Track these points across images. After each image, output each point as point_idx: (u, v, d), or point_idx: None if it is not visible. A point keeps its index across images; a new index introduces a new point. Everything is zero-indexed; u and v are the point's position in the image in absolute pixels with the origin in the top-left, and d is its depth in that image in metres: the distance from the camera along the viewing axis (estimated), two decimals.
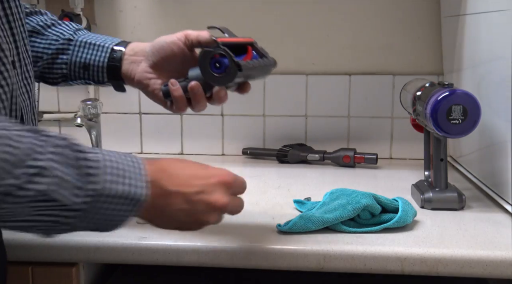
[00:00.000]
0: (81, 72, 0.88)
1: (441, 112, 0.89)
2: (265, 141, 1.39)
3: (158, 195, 0.62)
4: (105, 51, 0.87)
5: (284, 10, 1.36)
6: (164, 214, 0.64)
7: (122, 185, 0.58)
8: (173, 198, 0.63)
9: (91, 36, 0.89)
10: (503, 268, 0.76)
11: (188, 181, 0.65)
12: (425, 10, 1.33)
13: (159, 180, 0.62)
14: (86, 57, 0.87)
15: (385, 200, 0.87)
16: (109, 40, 0.89)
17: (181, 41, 0.83)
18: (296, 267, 0.79)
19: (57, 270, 0.83)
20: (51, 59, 0.88)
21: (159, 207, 0.63)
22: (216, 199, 0.65)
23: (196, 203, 0.64)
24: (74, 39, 0.88)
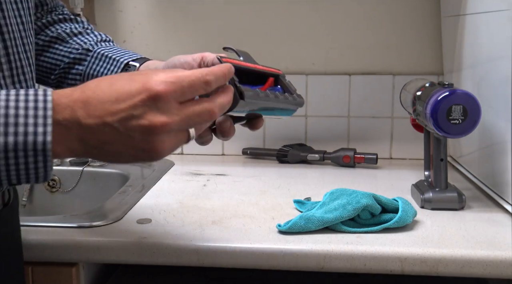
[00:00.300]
0: None
1: (441, 112, 0.89)
2: (265, 141, 1.39)
3: (80, 132, 0.53)
4: (118, 66, 0.84)
5: (284, 10, 1.36)
6: (101, 150, 0.55)
7: (7, 136, 0.51)
8: (99, 132, 0.54)
9: (111, 49, 0.86)
10: (503, 268, 0.76)
11: (110, 108, 0.53)
12: (425, 10, 1.33)
13: (74, 114, 0.53)
14: (99, 70, 0.84)
15: (385, 200, 0.87)
16: (127, 55, 0.85)
17: (195, 63, 0.76)
18: (296, 267, 0.79)
19: (57, 270, 0.83)
20: (68, 68, 0.86)
21: (89, 144, 0.54)
22: (150, 122, 0.53)
23: (129, 132, 0.54)
24: (93, 50, 0.86)
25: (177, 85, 0.55)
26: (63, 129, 0.53)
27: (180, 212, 0.94)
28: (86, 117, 0.53)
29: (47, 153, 0.52)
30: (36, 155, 0.52)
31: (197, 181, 1.14)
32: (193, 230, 0.85)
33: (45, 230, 0.84)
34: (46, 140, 0.52)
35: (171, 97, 0.54)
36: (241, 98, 0.65)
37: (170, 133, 0.55)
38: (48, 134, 0.52)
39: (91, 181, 1.29)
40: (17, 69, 0.66)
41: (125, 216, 0.91)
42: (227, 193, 1.06)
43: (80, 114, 0.53)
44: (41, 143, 0.52)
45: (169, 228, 0.86)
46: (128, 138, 0.54)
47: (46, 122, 0.52)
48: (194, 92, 0.56)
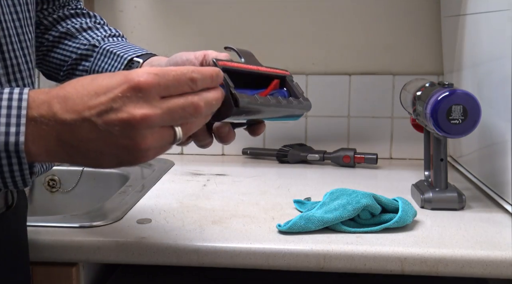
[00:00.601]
0: None
1: (441, 112, 0.89)
2: (265, 141, 1.39)
3: (57, 129, 0.50)
4: (121, 62, 0.82)
5: (284, 10, 1.36)
6: (80, 150, 0.51)
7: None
8: (77, 129, 0.50)
9: (117, 45, 0.84)
10: (503, 268, 0.76)
11: (89, 102, 0.50)
12: (425, 10, 1.33)
13: (51, 109, 0.50)
14: (103, 66, 0.83)
15: (385, 200, 0.87)
16: (132, 51, 0.83)
17: (197, 61, 0.73)
18: (296, 267, 0.79)
19: (57, 270, 0.83)
20: (75, 64, 0.85)
21: (67, 143, 0.51)
22: (129, 114, 0.49)
23: (109, 127, 0.50)
24: (99, 45, 0.84)
25: (161, 78, 0.51)
26: (38, 127, 0.50)
27: (180, 212, 0.94)
28: (63, 112, 0.50)
29: (20, 155, 0.50)
30: (9, 157, 0.50)
31: (197, 181, 1.14)
32: (193, 230, 0.85)
33: (45, 230, 0.84)
34: (19, 140, 0.49)
35: (153, 89, 0.51)
36: (235, 105, 0.60)
37: (153, 128, 0.51)
38: (21, 134, 0.49)
39: (91, 181, 1.29)
40: (13, 67, 0.64)
41: (125, 216, 0.91)
42: (227, 193, 1.06)
43: (57, 109, 0.50)
44: (13, 143, 0.49)
45: (169, 228, 0.86)
46: (108, 134, 0.50)
47: (20, 122, 0.49)
48: (178, 88, 0.53)
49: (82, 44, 0.85)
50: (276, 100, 0.66)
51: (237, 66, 0.66)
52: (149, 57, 0.82)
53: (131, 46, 0.85)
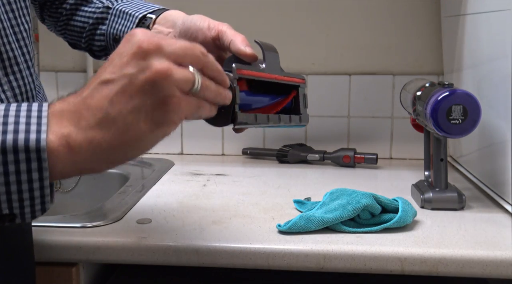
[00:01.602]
0: (114, 46, 0.79)
1: (441, 112, 0.89)
2: (265, 141, 1.39)
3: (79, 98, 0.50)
4: (133, 21, 0.78)
5: (284, 10, 1.36)
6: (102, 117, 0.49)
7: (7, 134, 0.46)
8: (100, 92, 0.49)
9: (130, 4, 0.82)
10: (503, 268, 0.76)
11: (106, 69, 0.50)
12: (425, 10, 1.33)
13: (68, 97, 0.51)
14: (118, 27, 0.80)
15: (385, 200, 0.87)
16: (145, 8, 0.80)
17: (210, 34, 0.71)
18: (296, 267, 0.79)
19: (57, 270, 0.83)
20: (93, 29, 0.83)
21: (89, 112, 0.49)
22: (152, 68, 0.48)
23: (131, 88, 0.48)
24: (112, 7, 0.82)
25: (172, 42, 0.50)
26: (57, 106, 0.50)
27: (180, 212, 0.94)
28: (82, 90, 0.51)
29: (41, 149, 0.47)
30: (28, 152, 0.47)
31: (197, 181, 1.14)
32: (193, 230, 0.85)
33: (45, 230, 0.84)
34: (41, 137, 0.47)
35: (164, 47, 0.50)
36: (232, 122, 0.60)
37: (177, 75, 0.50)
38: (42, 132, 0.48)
39: (91, 181, 1.29)
40: (10, 60, 0.62)
41: (125, 216, 0.91)
42: (227, 193, 1.06)
43: (74, 94, 0.51)
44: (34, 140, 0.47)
45: (169, 228, 0.86)
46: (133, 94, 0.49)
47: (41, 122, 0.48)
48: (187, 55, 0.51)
49: (97, 7, 0.83)
50: (274, 121, 0.67)
51: (255, 75, 0.65)
52: (162, 12, 0.79)
53: (144, 3, 0.82)
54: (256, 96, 0.66)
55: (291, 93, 0.71)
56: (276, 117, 0.68)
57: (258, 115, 0.64)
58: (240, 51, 0.69)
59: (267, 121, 0.66)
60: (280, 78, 0.69)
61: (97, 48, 0.84)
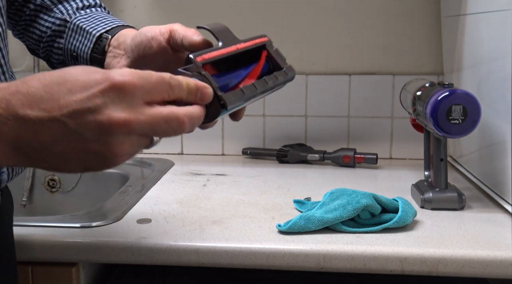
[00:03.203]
0: (72, 62, 0.76)
1: (441, 112, 0.89)
2: (265, 141, 1.39)
3: (15, 130, 0.44)
4: (90, 39, 0.73)
5: (284, 9, 1.36)
6: (40, 153, 0.45)
7: None
8: (41, 129, 0.44)
9: (88, 18, 0.77)
10: (503, 268, 0.76)
11: (59, 99, 0.44)
12: (425, 10, 1.33)
13: (10, 106, 0.44)
14: (75, 44, 0.75)
15: (385, 200, 0.87)
16: (102, 26, 0.74)
17: (163, 38, 0.67)
18: (296, 267, 0.79)
19: (57, 270, 0.83)
20: (51, 41, 0.78)
21: (27, 146, 0.45)
22: (109, 117, 0.44)
23: (81, 129, 0.44)
24: (69, 20, 0.77)
25: (145, 80, 0.46)
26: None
27: (180, 212, 0.94)
28: (26, 110, 0.44)
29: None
30: None
31: (197, 181, 1.14)
32: (193, 230, 0.85)
33: (45, 230, 0.84)
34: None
35: (137, 91, 0.46)
36: (223, 107, 0.56)
37: (132, 135, 0.46)
38: None
39: (91, 181, 1.29)
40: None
41: (125, 216, 0.91)
42: (227, 193, 1.06)
43: (18, 106, 0.44)
44: None
45: (169, 228, 0.86)
46: (78, 137, 0.45)
47: None
48: (160, 92, 0.48)
49: (56, 18, 0.79)
50: (262, 85, 0.63)
51: (216, 55, 0.61)
52: (116, 32, 0.74)
53: (101, 18, 0.77)
54: (229, 74, 0.62)
55: (262, 55, 0.67)
56: (262, 81, 0.63)
57: (243, 88, 0.60)
58: (192, 41, 0.66)
59: (255, 89, 0.61)
60: (241, 46, 0.65)
61: (55, 61, 0.80)
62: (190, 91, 0.51)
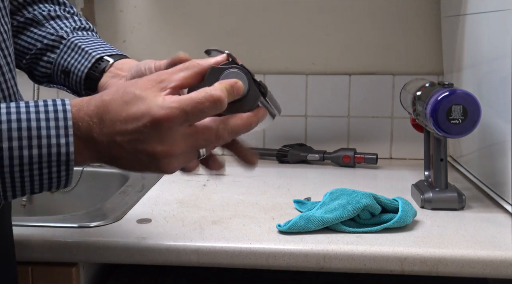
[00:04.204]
0: (61, 77, 0.79)
1: (441, 112, 0.89)
2: (265, 141, 1.39)
3: (95, 146, 0.54)
4: (89, 59, 0.77)
5: (284, 10, 1.36)
6: (115, 162, 0.56)
7: (31, 149, 0.51)
8: (111, 149, 0.54)
9: (86, 39, 0.80)
10: (503, 268, 0.76)
11: (120, 127, 0.53)
12: (425, 10, 1.33)
13: (90, 129, 0.54)
14: (70, 61, 0.79)
15: (385, 200, 0.87)
16: (102, 49, 0.79)
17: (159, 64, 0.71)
18: (296, 267, 0.79)
19: (57, 270, 0.83)
20: (40, 54, 0.80)
21: (104, 156, 0.55)
22: (153, 148, 0.53)
23: (137, 153, 0.54)
24: (67, 38, 0.79)
25: (180, 110, 0.53)
26: (81, 141, 0.54)
27: (180, 212, 0.94)
28: (99, 134, 0.54)
29: (70, 163, 0.53)
30: (59, 165, 0.53)
31: (197, 181, 1.14)
32: (193, 230, 0.85)
33: (45, 230, 0.84)
34: (69, 150, 0.53)
35: (173, 123, 0.53)
36: (263, 93, 0.60)
37: (177, 157, 0.55)
38: (70, 144, 0.53)
39: (91, 181, 1.29)
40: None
41: (125, 216, 0.91)
42: (227, 193, 1.06)
43: (94, 131, 0.54)
44: (64, 154, 0.53)
45: (169, 228, 0.86)
46: (136, 157, 0.54)
47: (68, 133, 0.53)
48: (200, 115, 0.54)
49: (49, 33, 0.80)
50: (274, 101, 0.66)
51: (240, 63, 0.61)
52: (120, 59, 0.78)
53: (100, 43, 0.80)
54: None
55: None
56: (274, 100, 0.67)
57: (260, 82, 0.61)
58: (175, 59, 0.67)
59: (275, 102, 0.66)
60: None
61: (39, 73, 0.81)
62: (229, 93, 0.56)
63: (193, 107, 0.53)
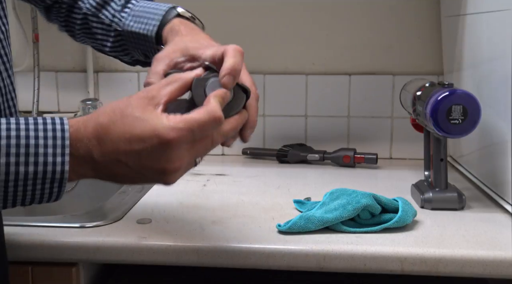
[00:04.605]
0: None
1: (441, 112, 0.89)
2: (265, 141, 1.39)
3: (93, 166, 0.57)
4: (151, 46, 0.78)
5: (284, 10, 1.36)
6: (114, 179, 0.59)
7: (28, 166, 0.53)
8: (112, 167, 0.57)
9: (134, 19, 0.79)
10: (503, 268, 0.76)
11: (124, 147, 0.56)
12: (425, 10, 1.33)
13: (89, 151, 0.56)
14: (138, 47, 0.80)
15: (385, 200, 0.87)
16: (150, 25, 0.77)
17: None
18: (296, 267, 0.79)
19: (57, 270, 0.83)
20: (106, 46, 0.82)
21: (102, 173, 0.58)
22: (164, 166, 0.57)
23: (142, 170, 0.57)
24: (120, 29, 0.80)
25: (188, 131, 0.56)
26: (78, 161, 0.56)
27: (180, 212, 0.94)
28: (100, 155, 0.56)
29: (63, 181, 0.56)
30: (52, 182, 0.55)
31: (197, 181, 1.14)
32: (193, 230, 0.85)
33: (45, 230, 0.84)
34: (64, 169, 0.55)
35: (182, 143, 0.56)
36: (245, 94, 0.65)
37: (183, 169, 0.59)
38: (66, 163, 0.55)
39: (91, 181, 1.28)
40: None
41: (125, 216, 0.91)
42: (227, 193, 1.06)
43: (94, 152, 0.56)
44: (59, 172, 0.55)
45: (169, 228, 0.86)
46: (141, 174, 0.57)
47: (64, 152, 0.55)
48: (205, 133, 0.58)
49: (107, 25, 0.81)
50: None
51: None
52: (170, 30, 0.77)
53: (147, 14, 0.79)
54: None
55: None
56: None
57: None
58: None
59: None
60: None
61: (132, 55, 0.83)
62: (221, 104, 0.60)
63: (199, 127, 0.57)
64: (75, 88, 1.41)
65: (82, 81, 1.41)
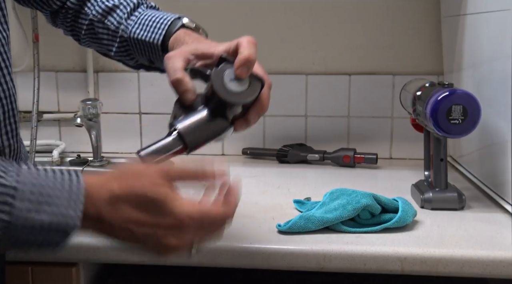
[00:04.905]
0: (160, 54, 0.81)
1: (441, 112, 0.89)
2: (265, 141, 1.39)
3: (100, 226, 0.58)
4: (157, 53, 0.79)
5: (284, 10, 1.36)
6: (113, 239, 0.60)
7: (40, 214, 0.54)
8: (118, 231, 0.58)
9: (140, 27, 0.80)
10: (503, 268, 0.76)
11: (138, 218, 0.57)
12: (425, 10, 1.33)
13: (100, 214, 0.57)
14: (143, 54, 0.81)
15: (385, 200, 0.87)
16: (156, 34, 0.80)
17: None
18: (296, 267, 0.79)
19: (57, 270, 0.83)
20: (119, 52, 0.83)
21: (104, 232, 0.59)
22: (169, 243, 0.59)
23: (146, 240, 0.59)
24: (126, 36, 0.81)
25: (199, 221, 0.59)
26: (86, 220, 0.56)
27: None
28: (111, 219, 0.56)
29: (70, 235, 0.56)
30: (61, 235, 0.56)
31: None
32: None
33: None
34: (76, 224, 0.55)
35: (191, 228, 0.59)
36: (261, 84, 0.68)
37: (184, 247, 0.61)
38: (77, 218, 0.55)
39: None
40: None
41: None
42: None
43: (104, 215, 0.56)
44: (72, 227, 0.55)
45: None
46: (142, 241, 0.58)
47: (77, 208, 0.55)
48: (212, 227, 0.62)
49: (113, 31, 0.82)
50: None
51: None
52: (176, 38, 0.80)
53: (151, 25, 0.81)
54: None
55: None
56: None
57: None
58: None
59: None
60: None
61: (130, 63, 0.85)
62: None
63: (209, 219, 0.61)
64: (75, 88, 1.41)
65: (82, 81, 1.41)
